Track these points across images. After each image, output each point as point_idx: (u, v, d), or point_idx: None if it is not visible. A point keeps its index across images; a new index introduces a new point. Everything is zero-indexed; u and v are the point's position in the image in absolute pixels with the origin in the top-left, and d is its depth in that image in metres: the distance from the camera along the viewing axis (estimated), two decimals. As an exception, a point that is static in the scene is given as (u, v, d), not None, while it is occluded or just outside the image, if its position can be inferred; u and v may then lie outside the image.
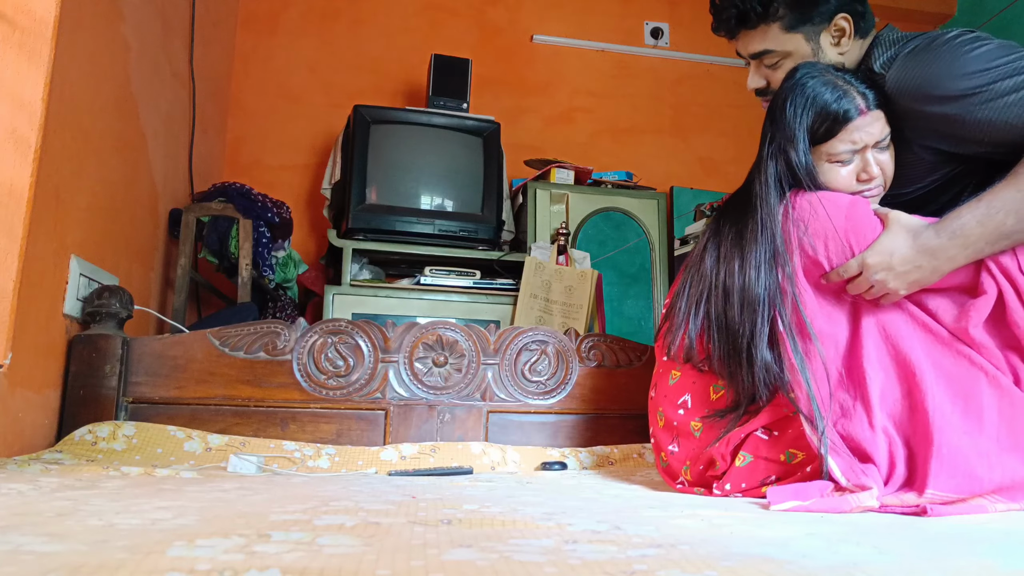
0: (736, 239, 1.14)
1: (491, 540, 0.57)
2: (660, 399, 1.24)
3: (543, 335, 1.75)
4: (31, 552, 0.48)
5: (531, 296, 2.59)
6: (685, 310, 1.18)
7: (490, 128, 2.73)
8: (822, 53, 1.25)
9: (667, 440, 1.21)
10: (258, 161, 3.06)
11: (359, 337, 1.66)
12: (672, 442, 1.20)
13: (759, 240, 1.11)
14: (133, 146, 1.89)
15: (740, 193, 1.22)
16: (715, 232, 1.20)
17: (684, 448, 1.17)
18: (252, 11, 3.17)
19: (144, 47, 1.92)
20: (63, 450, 1.36)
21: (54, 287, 1.46)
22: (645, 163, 3.32)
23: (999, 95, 1.07)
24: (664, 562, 0.50)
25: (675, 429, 1.19)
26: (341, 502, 0.81)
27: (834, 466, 0.97)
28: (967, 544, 0.63)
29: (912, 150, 1.20)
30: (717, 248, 1.17)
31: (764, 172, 1.16)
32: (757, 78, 1.32)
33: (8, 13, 1.29)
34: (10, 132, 1.27)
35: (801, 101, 1.14)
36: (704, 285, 1.17)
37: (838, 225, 1.07)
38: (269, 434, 1.58)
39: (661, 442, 1.23)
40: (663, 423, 1.23)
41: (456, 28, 3.35)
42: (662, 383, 1.25)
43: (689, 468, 1.15)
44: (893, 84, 1.16)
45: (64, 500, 0.76)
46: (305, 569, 0.44)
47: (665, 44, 3.56)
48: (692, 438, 1.16)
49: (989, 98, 1.08)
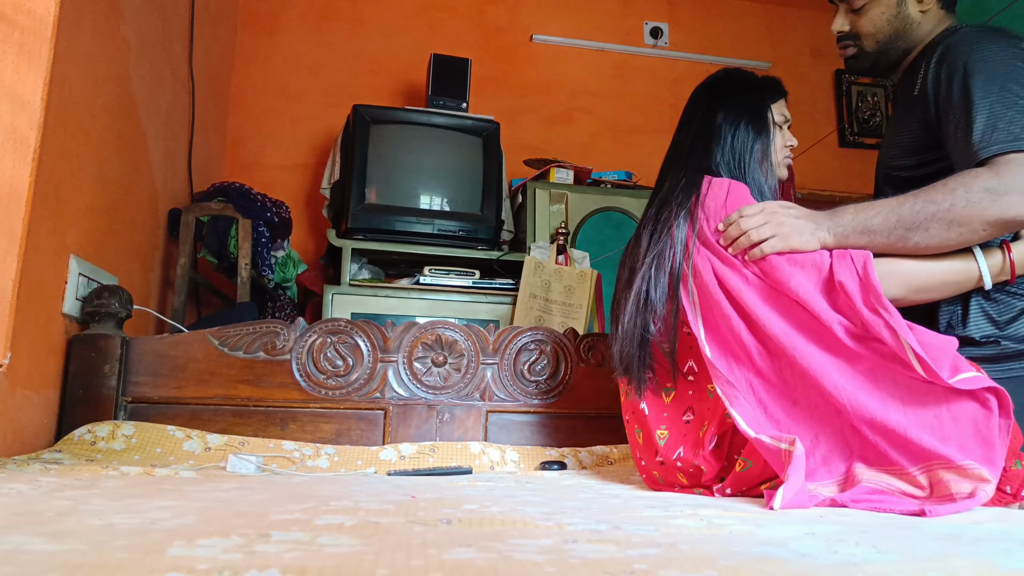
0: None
1: (491, 540, 0.57)
2: (630, 416, 1.28)
3: (542, 335, 1.75)
4: (30, 552, 0.48)
5: (530, 296, 2.59)
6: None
7: (490, 128, 2.73)
8: (904, 5, 1.30)
9: (652, 455, 1.22)
10: (257, 161, 3.06)
11: (358, 337, 1.66)
12: (656, 455, 1.20)
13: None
14: (133, 146, 1.89)
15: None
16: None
17: (666, 456, 1.18)
18: (252, 11, 3.17)
19: (144, 47, 1.92)
20: (62, 450, 1.36)
21: (53, 287, 1.46)
22: (645, 163, 3.32)
23: (1000, 115, 1.10)
24: (664, 562, 0.50)
25: (654, 441, 1.20)
26: (340, 502, 0.81)
27: (737, 417, 1.03)
28: (967, 544, 0.63)
29: (917, 118, 1.24)
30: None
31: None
32: (842, 21, 1.37)
33: (8, 13, 1.29)
34: (10, 132, 1.27)
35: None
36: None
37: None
38: (268, 434, 1.58)
39: (649, 459, 1.24)
40: (642, 440, 1.24)
41: (456, 28, 3.35)
42: (625, 402, 1.30)
43: (682, 475, 1.16)
44: (951, 42, 1.21)
45: (63, 500, 0.76)
46: (305, 569, 0.44)
47: (665, 44, 3.56)
48: (660, 447, 1.18)
49: (992, 108, 1.11)
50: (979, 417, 0.97)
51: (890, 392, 1.01)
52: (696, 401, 1.16)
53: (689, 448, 1.13)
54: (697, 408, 1.16)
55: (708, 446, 1.10)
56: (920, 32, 1.31)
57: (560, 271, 2.64)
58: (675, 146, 1.39)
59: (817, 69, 3.70)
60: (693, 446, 1.13)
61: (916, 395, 1.00)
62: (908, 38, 1.32)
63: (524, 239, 2.82)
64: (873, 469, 0.99)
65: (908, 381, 1.00)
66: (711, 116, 1.31)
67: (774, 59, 3.63)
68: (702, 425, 1.13)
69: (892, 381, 1.02)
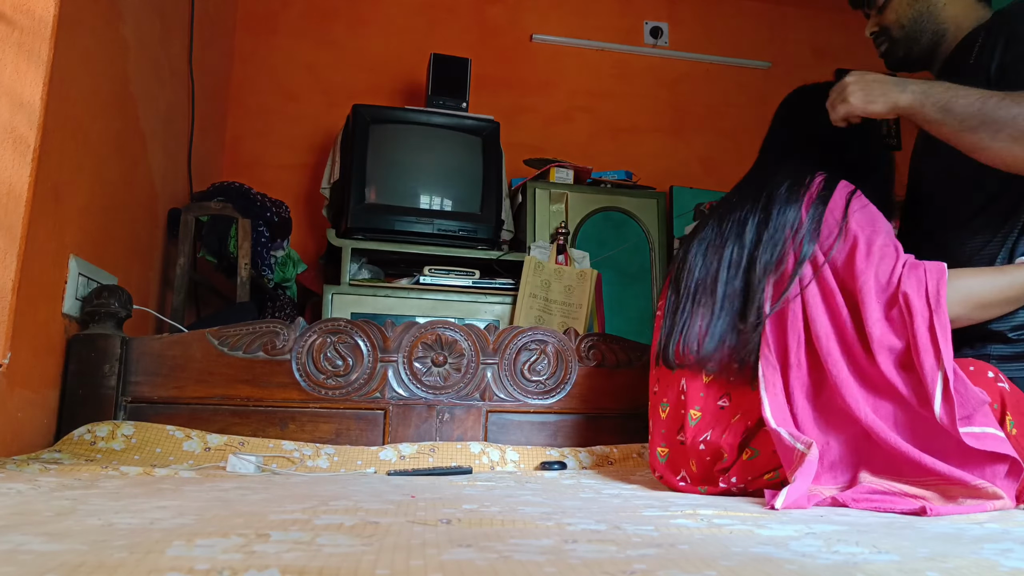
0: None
1: (490, 540, 0.57)
2: (664, 393, 1.25)
3: (542, 335, 1.75)
4: (30, 551, 0.48)
5: (530, 296, 2.59)
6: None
7: (489, 127, 2.72)
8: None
9: (673, 431, 1.21)
10: (257, 160, 3.05)
11: (358, 337, 1.66)
12: (679, 432, 1.20)
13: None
14: (132, 146, 1.89)
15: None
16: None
17: (691, 437, 1.18)
18: (251, 10, 3.16)
19: (143, 47, 1.92)
20: (62, 450, 1.36)
21: (53, 287, 1.46)
22: (644, 163, 3.32)
23: None
24: (664, 562, 0.49)
25: (682, 418, 1.19)
26: (340, 502, 0.81)
27: (766, 403, 1.04)
28: (967, 544, 0.63)
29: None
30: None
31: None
32: (871, 23, 1.41)
33: (7, 13, 1.29)
34: (9, 132, 1.27)
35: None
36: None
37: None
38: (268, 434, 1.58)
39: (663, 434, 1.23)
40: (666, 414, 1.23)
41: (455, 27, 3.35)
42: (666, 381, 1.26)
43: (695, 461, 1.15)
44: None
45: (63, 500, 0.76)
46: (304, 569, 0.44)
47: (664, 43, 3.56)
48: (689, 427, 1.17)
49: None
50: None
51: (912, 431, 1.01)
52: (735, 388, 1.14)
53: (718, 432, 1.12)
54: (735, 396, 1.14)
55: (739, 436, 1.10)
56: (947, 13, 1.32)
57: (560, 271, 2.64)
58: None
59: (817, 69, 3.68)
60: (722, 431, 1.12)
61: (934, 432, 0.99)
62: (934, 19, 1.33)
63: (524, 239, 2.81)
64: (879, 476, 0.99)
65: (928, 424, 0.99)
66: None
67: (774, 59, 3.63)
68: (736, 414, 1.12)
69: (915, 418, 1.01)
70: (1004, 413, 1.03)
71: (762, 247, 1.15)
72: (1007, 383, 1.06)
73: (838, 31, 3.70)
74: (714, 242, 1.22)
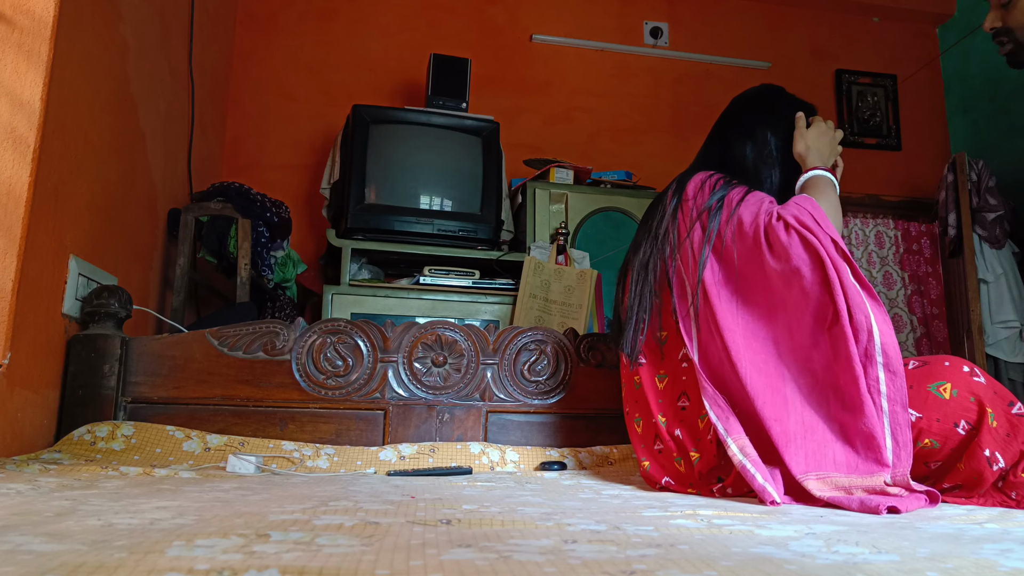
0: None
1: (490, 540, 0.57)
2: (635, 410, 1.30)
3: (542, 335, 1.75)
4: (30, 552, 0.48)
5: (530, 296, 2.59)
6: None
7: (489, 128, 2.72)
8: None
9: (651, 442, 1.24)
10: (257, 161, 3.06)
11: (358, 337, 1.66)
12: (656, 442, 1.22)
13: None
14: (132, 146, 1.89)
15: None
16: None
17: (666, 440, 1.20)
18: (251, 11, 3.16)
19: (143, 47, 1.92)
20: (62, 450, 1.36)
21: (53, 287, 1.46)
22: (644, 163, 3.32)
23: None
24: (664, 562, 0.49)
25: (655, 427, 1.22)
26: (340, 502, 0.81)
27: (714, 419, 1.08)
28: (967, 544, 0.63)
29: None
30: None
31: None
32: (993, 17, 1.42)
33: (7, 13, 1.29)
34: (9, 132, 1.27)
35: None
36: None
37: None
38: (268, 434, 1.58)
39: (643, 448, 1.25)
40: (641, 428, 1.26)
41: (455, 27, 3.35)
42: (626, 390, 1.34)
43: (682, 460, 1.17)
44: None
45: (63, 500, 0.76)
46: (304, 569, 0.44)
47: (664, 44, 3.56)
48: (663, 431, 1.20)
49: None
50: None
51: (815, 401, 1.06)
52: (690, 387, 1.18)
53: (686, 434, 1.15)
54: (692, 395, 1.17)
55: (707, 436, 1.11)
56: None
57: (560, 271, 2.64)
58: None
59: (817, 69, 3.70)
60: (691, 434, 1.15)
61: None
62: None
63: (524, 239, 2.81)
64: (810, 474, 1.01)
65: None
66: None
67: (774, 59, 3.63)
68: (699, 413, 1.14)
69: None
70: (983, 409, 1.04)
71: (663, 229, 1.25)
72: (983, 376, 1.07)
73: (838, 31, 3.70)
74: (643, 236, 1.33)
